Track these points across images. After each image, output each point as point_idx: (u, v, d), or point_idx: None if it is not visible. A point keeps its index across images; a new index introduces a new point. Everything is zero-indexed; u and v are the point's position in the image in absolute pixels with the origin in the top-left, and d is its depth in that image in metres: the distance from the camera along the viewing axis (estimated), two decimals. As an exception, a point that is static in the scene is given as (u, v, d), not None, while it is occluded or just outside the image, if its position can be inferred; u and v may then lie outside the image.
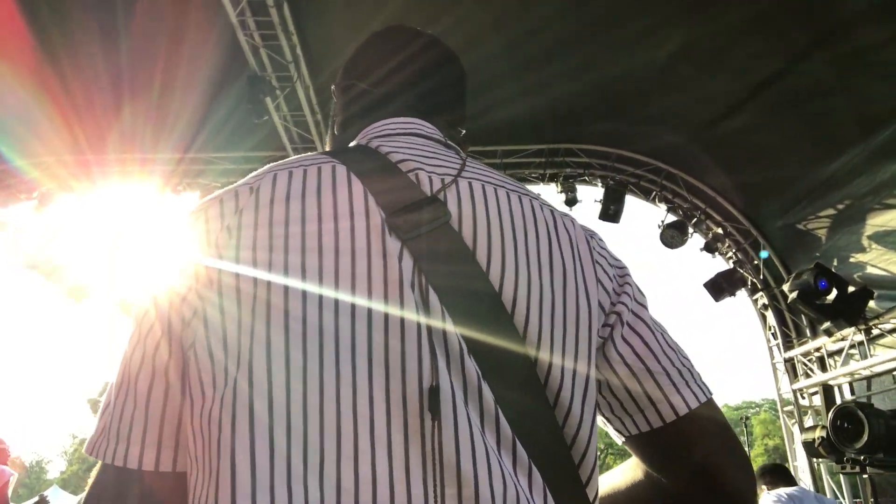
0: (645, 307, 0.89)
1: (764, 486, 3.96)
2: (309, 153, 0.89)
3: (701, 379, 0.87)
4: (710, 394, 0.87)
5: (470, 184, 0.84)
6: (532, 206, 0.86)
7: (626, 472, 0.94)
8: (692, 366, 0.88)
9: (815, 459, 7.95)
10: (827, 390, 7.87)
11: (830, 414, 3.28)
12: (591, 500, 0.77)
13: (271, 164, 0.85)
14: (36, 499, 5.97)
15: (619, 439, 0.91)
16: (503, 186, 0.87)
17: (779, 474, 4.09)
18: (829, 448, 3.63)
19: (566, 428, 0.76)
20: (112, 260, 8.24)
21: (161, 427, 0.75)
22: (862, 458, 3.45)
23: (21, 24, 5.80)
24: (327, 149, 1.09)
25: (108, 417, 0.77)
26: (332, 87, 1.10)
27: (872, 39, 5.16)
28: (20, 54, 6.19)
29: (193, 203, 0.85)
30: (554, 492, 0.72)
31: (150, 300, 0.78)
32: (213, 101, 6.98)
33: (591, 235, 0.91)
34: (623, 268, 0.92)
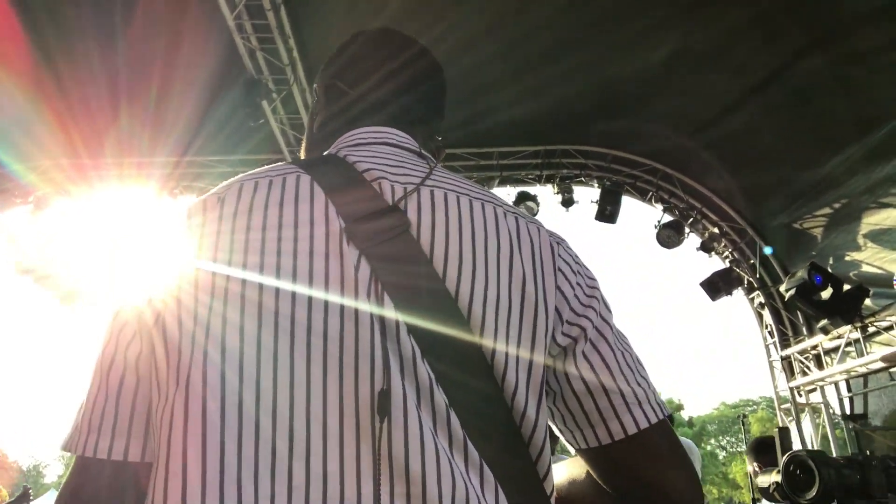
0: (609, 324, 0.89)
1: (757, 465, 3.78)
2: (279, 163, 0.92)
3: (656, 399, 0.88)
4: (664, 415, 0.87)
5: (432, 192, 0.86)
6: (495, 213, 0.87)
7: (580, 464, 0.95)
8: (648, 386, 0.88)
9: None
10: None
11: (782, 461, 3.31)
12: (548, 494, 0.79)
13: (241, 175, 0.89)
14: (20, 492, 5.96)
15: (572, 450, 0.92)
16: (466, 194, 0.88)
17: (774, 452, 3.90)
18: (783, 495, 3.64)
19: (523, 428, 0.78)
20: (109, 264, 8.23)
21: (131, 418, 0.78)
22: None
23: (18, 28, 5.80)
24: (303, 145, 1.14)
25: (80, 413, 0.80)
26: (315, 83, 1.11)
27: (869, 40, 5.18)
28: (17, 58, 6.18)
29: (183, 187, 0.93)
30: (508, 488, 0.74)
31: (125, 299, 0.82)
32: (209, 105, 6.98)
33: (557, 242, 0.91)
34: (592, 279, 0.92)
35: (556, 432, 0.92)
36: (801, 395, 8.40)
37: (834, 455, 7.85)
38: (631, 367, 0.88)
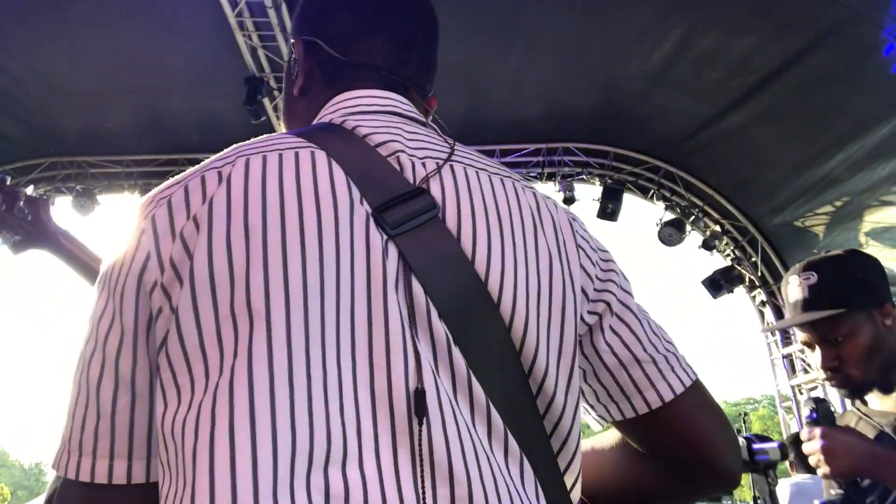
0: (630, 294, 0.88)
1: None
2: (276, 133, 0.82)
3: (685, 362, 0.88)
4: (695, 376, 0.87)
5: (452, 168, 0.81)
6: (515, 190, 0.84)
7: (605, 442, 0.95)
8: (676, 349, 0.88)
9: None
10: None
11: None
12: (568, 487, 0.77)
13: (238, 145, 0.78)
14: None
15: (598, 425, 0.91)
16: (486, 169, 0.84)
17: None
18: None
19: (548, 416, 0.76)
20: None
21: (130, 437, 0.69)
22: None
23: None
24: (281, 111, 1.01)
25: (68, 429, 0.70)
26: (291, 37, 0.97)
27: (870, 37, 5.17)
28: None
29: (150, 191, 0.77)
30: (542, 482, 0.72)
31: (107, 298, 0.71)
32: (209, 102, 6.98)
33: (573, 219, 0.89)
34: (606, 252, 0.90)
35: (585, 408, 0.90)
36: (802, 393, 8.39)
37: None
38: (657, 335, 0.87)
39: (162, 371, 0.67)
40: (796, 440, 1.57)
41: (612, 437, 0.95)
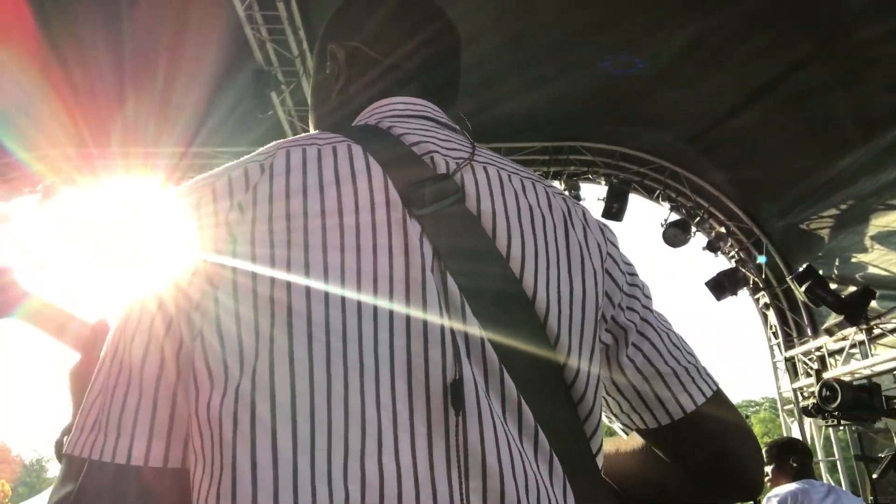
0: (651, 309, 0.90)
1: (794, 464, 3.83)
2: (316, 132, 0.86)
3: (707, 372, 0.89)
4: (716, 386, 0.88)
5: (486, 168, 0.83)
6: (547, 194, 0.85)
7: (632, 440, 0.96)
8: (697, 360, 0.89)
9: (816, 460, 7.98)
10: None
11: (817, 387, 5.65)
12: (602, 478, 0.78)
13: (280, 141, 0.81)
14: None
15: (623, 433, 0.93)
16: (517, 173, 0.86)
17: (805, 455, 3.95)
18: (816, 410, 5.92)
19: (580, 411, 0.77)
20: (114, 256, 8.25)
21: (172, 417, 0.67)
22: (836, 413, 5.71)
23: (25, 14, 5.80)
24: (312, 115, 1.04)
25: (98, 411, 0.68)
26: (329, 45, 0.99)
27: (877, 39, 5.16)
28: (24, 45, 6.19)
29: (190, 178, 0.79)
30: (573, 479, 0.72)
31: (149, 287, 0.72)
32: (216, 95, 6.99)
33: (603, 227, 0.91)
34: (630, 265, 0.92)
35: (609, 418, 0.92)
36: (804, 397, 8.37)
37: (836, 457, 7.85)
38: (678, 346, 0.88)
39: (196, 356, 0.67)
40: (793, 449, 1.52)
41: (634, 437, 0.96)
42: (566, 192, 0.92)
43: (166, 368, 0.68)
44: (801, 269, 6.98)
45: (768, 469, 3.94)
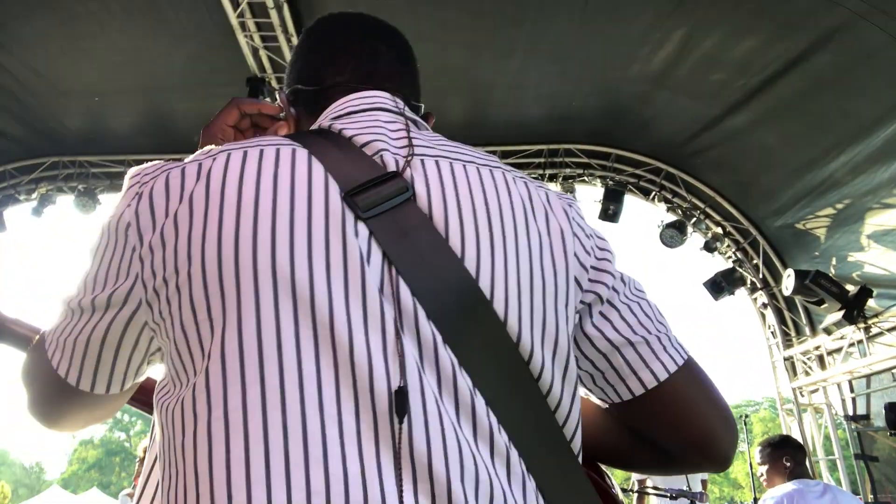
0: (622, 280, 0.89)
1: (788, 464, 3.79)
2: (265, 136, 0.85)
3: (677, 341, 0.88)
4: (687, 354, 0.87)
5: (437, 163, 0.81)
6: (505, 180, 0.83)
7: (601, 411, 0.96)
8: (668, 329, 0.88)
9: (816, 458, 7.98)
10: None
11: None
12: (580, 472, 0.77)
13: (227, 144, 0.80)
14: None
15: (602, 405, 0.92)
16: (473, 162, 0.84)
17: (798, 452, 3.92)
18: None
19: (549, 399, 0.76)
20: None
21: (113, 368, 0.80)
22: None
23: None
24: None
25: (64, 333, 0.81)
26: (279, 98, 1.03)
27: (872, 39, 5.17)
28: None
29: (133, 169, 0.82)
30: (538, 476, 0.72)
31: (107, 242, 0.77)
32: (211, 102, 6.98)
33: (569, 205, 0.89)
34: (602, 239, 0.90)
35: (583, 394, 0.90)
36: (803, 396, 8.39)
37: (836, 456, 7.84)
38: (648, 315, 0.87)
39: (165, 353, 0.73)
40: (789, 445, 1.51)
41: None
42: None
43: (128, 334, 0.77)
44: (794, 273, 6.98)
45: (763, 470, 3.91)
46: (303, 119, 0.98)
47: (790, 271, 7.12)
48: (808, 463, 6.66)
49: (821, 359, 7.96)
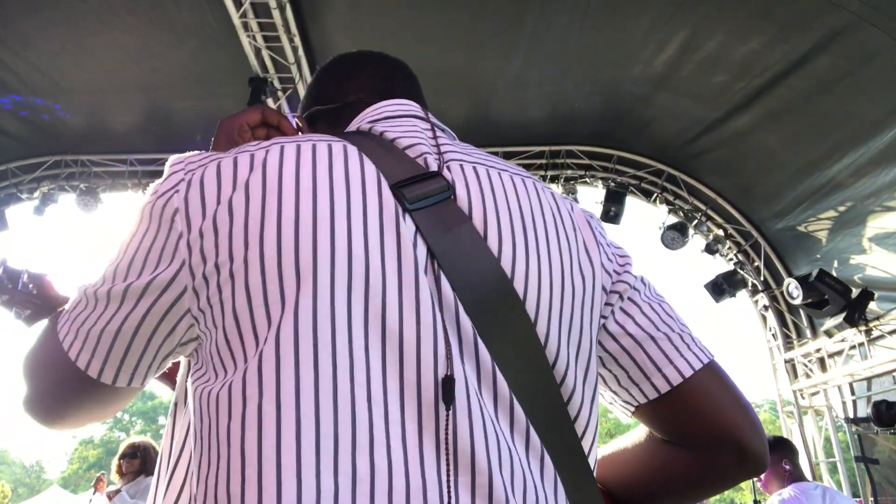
0: (643, 281, 0.92)
1: (787, 467, 3.76)
2: (313, 133, 0.87)
3: (701, 343, 0.89)
4: (712, 356, 0.88)
5: (475, 168, 0.84)
6: (536, 189, 0.87)
7: (632, 438, 0.96)
8: (691, 332, 0.90)
9: (816, 461, 7.97)
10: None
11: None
12: (594, 477, 0.78)
13: (277, 137, 0.82)
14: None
15: (626, 416, 0.92)
16: (506, 170, 0.88)
17: (795, 455, 3.88)
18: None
19: (570, 405, 0.77)
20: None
21: (140, 358, 0.78)
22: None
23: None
24: None
25: (87, 323, 0.78)
26: (297, 123, 1.07)
27: (875, 41, 5.17)
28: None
29: (174, 157, 0.81)
30: (562, 475, 0.73)
31: (146, 226, 0.76)
32: (213, 101, 6.99)
33: (590, 217, 0.93)
34: (620, 248, 0.94)
35: (609, 399, 0.91)
36: (804, 398, 8.38)
37: (836, 458, 7.83)
38: (671, 315, 0.89)
39: (202, 343, 0.73)
40: (784, 446, 1.50)
41: (637, 433, 0.96)
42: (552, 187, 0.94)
43: (157, 333, 0.76)
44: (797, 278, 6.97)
45: (762, 475, 3.87)
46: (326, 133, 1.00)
47: (792, 280, 7.06)
48: (809, 465, 6.64)
49: (822, 361, 7.95)
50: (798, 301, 6.90)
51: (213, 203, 0.73)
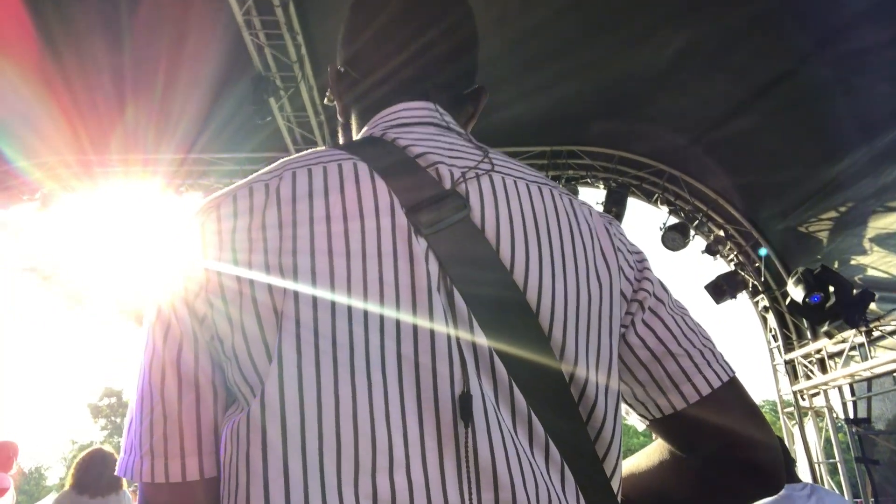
0: (666, 291, 0.90)
1: None
2: (321, 148, 0.86)
3: (723, 358, 0.88)
4: (733, 372, 0.87)
5: (491, 178, 0.83)
6: (552, 197, 0.85)
7: (650, 453, 0.95)
8: (714, 346, 0.88)
9: (816, 461, 7.97)
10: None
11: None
12: (615, 491, 0.77)
13: (285, 160, 0.82)
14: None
15: (642, 424, 0.91)
16: (523, 178, 0.86)
17: (787, 457, 3.87)
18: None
19: (591, 423, 0.76)
20: (114, 263, 8.24)
21: (199, 434, 0.72)
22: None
23: (25, 22, 5.81)
24: (340, 138, 1.04)
25: (134, 435, 0.73)
26: (330, 67, 1.02)
27: (876, 41, 5.17)
28: (23, 53, 6.20)
29: (200, 201, 0.81)
30: (583, 489, 0.72)
31: (162, 303, 0.74)
32: (216, 101, 6.99)
33: (609, 222, 0.91)
34: (640, 253, 0.92)
35: (624, 410, 0.90)
36: (804, 399, 8.37)
37: (836, 459, 7.83)
38: (693, 329, 0.88)
39: (226, 370, 0.72)
40: None
41: (654, 447, 0.95)
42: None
43: (185, 390, 0.72)
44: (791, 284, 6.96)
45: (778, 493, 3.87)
46: (349, 103, 1.00)
47: (792, 285, 7.06)
48: (809, 466, 6.63)
49: (822, 362, 7.95)
50: (801, 298, 6.87)
51: (229, 241, 0.76)
